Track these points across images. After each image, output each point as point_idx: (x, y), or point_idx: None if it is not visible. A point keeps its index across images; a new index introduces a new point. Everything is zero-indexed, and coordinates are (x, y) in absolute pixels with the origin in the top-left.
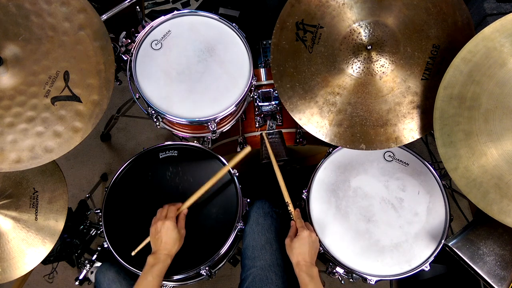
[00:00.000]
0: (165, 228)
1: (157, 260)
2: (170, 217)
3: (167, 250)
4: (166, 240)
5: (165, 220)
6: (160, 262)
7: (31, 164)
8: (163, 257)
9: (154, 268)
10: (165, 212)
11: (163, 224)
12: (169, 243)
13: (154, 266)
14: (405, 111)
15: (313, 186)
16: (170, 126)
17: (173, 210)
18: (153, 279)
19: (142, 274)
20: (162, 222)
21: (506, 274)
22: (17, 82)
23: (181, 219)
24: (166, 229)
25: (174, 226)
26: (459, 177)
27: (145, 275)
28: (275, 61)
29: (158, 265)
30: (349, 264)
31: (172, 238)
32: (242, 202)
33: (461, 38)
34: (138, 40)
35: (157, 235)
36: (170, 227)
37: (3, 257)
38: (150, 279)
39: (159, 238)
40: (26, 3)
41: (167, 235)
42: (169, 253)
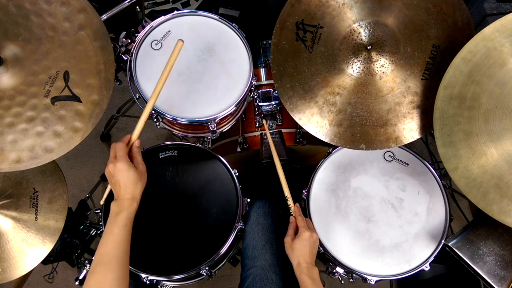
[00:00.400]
0: (118, 170)
1: (121, 207)
2: (120, 157)
3: (129, 193)
4: (125, 183)
5: (116, 162)
6: (124, 210)
7: (31, 164)
8: (126, 202)
9: (118, 217)
10: (114, 152)
11: (114, 167)
12: (129, 186)
13: (118, 215)
14: (405, 111)
15: (313, 186)
16: (170, 126)
17: (121, 148)
18: (120, 230)
19: (107, 226)
20: (113, 165)
21: (506, 274)
22: (17, 82)
23: (136, 154)
24: (120, 171)
25: (129, 165)
26: (459, 177)
27: (111, 228)
28: (275, 61)
29: (123, 213)
30: (349, 264)
31: (130, 179)
32: (242, 202)
33: (461, 38)
34: (138, 40)
35: (113, 179)
36: (123, 168)
37: (3, 257)
38: (116, 231)
39: (117, 183)
40: (26, 3)
41: (124, 178)
42: (133, 196)
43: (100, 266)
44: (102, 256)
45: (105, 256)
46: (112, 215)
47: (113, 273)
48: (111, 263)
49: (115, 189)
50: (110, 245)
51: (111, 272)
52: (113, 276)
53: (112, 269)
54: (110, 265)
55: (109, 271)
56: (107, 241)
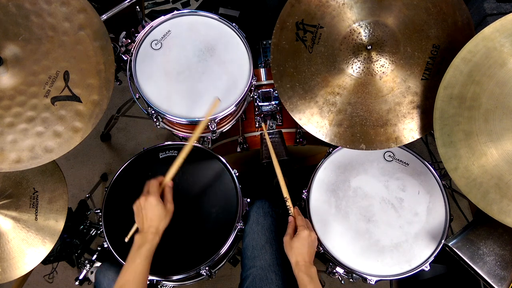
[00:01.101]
0: (148, 204)
1: (144, 239)
2: (152, 192)
3: (154, 227)
4: (151, 217)
5: (148, 196)
6: (147, 242)
7: (31, 164)
8: (150, 236)
9: (141, 249)
10: (147, 188)
11: (145, 200)
12: (155, 220)
13: (141, 246)
14: (405, 111)
15: (313, 186)
16: (170, 126)
17: (154, 185)
18: (141, 261)
19: (129, 256)
20: (145, 198)
21: (506, 274)
22: (17, 82)
23: (167, 193)
24: (149, 205)
25: (158, 201)
26: (459, 177)
27: (133, 258)
28: (275, 61)
29: (146, 245)
30: (349, 264)
31: (157, 214)
32: (242, 202)
33: (461, 38)
34: (138, 40)
35: (141, 213)
36: (153, 203)
37: (3, 257)
38: (138, 261)
39: (144, 216)
40: (26, 3)
41: (152, 212)
42: (157, 231)
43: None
44: (123, 283)
45: (126, 284)
46: (136, 246)
47: None
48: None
49: (140, 222)
50: (131, 274)
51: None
52: None
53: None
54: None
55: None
56: (129, 270)
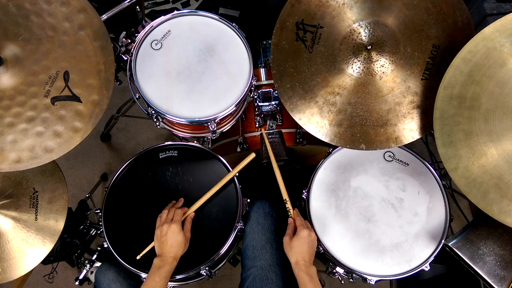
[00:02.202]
0: (171, 231)
1: (164, 262)
2: (176, 221)
3: (173, 253)
4: (172, 243)
5: (171, 223)
6: (166, 264)
7: (31, 164)
8: (169, 259)
9: (161, 270)
10: (172, 214)
11: (169, 227)
12: (175, 246)
13: (161, 268)
14: (405, 111)
15: (313, 186)
16: (170, 126)
17: (179, 214)
18: (160, 280)
19: (149, 275)
20: (168, 225)
21: (506, 274)
22: (17, 82)
23: (188, 223)
24: (172, 232)
25: (180, 230)
26: (459, 177)
27: (153, 277)
28: (275, 61)
29: (165, 267)
30: (349, 264)
31: (177, 242)
32: (242, 202)
33: (461, 38)
34: (138, 40)
35: (163, 238)
36: (176, 231)
37: (3, 257)
38: (157, 280)
39: (165, 241)
40: (26, 3)
41: (173, 239)
42: (175, 256)
43: None
44: None
45: None
46: (155, 267)
47: None
48: None
49: (161, 246)
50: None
51: None
52: None
53: None
54: None
55: None
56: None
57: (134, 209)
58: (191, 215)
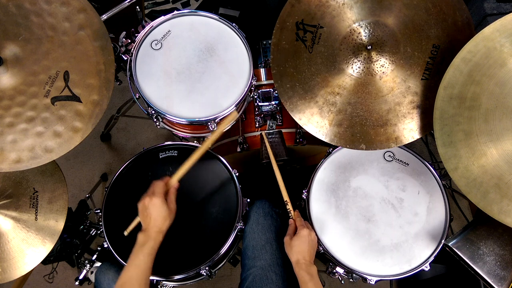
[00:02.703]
0: (152, 204)
1: (148, 237)
2: (157, 193)
3: (157, 227)
4: (155, 217)
5: (152, 196)
6: (151, 240)
7: (31, 164)
8: (153, 234)
9: (145, 247)
10: (153, 188)
11: (150, 201)
12: (159, 220)
13: (144, 244)
14: (405, 111)
15: (313, 186)
16: (170, 126)
17: (160, 185)
18: (144, 257)
19: (133, 253)
20: (150, 199)
21: (506, 274)
22: (17, 82)
23: (171, 194)
24: (153, 205)
25: (162, 202)
26: (459, 177)
27: (136, 254)
28: (275, 61)
29: (149, 242)
30: (349, 264)
31: (161, 215)
32: (242, 202)
33: (461, 38)
34: (138, 40)
35: (145, 212)
36: (157, 203)
37: (3, 257)
38: (141, 258)
39: (148, 215)
40: (26, 3)
41: (156, 212)
42: (160, 230)
43: None
44: (126, 279)
45: (129, 280)
46: (139, 244)
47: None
48: (134, 286)
49: (145, 220)
50: (134, 271)
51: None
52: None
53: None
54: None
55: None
56: (132, 267)
57: (134, 209)
58: (174, 186)
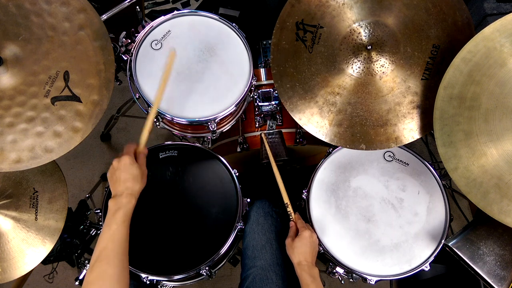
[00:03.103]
0: (122, 164)
1: (119, 203)
2: (126, 153)
3: (129, 189)
4: (126, 177)
5: (121, 156)
6: (122, 206)
7: (31, 164)
8: (124, 199)
9: (117, 214)
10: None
11: (119, 161)
12: (129, 180)
13: (116, 211)
14: (405, 111)
15: (313, 186)
16: (170, 126)
17: (129, 147)
18: (118, 226)
19: (105, 223)
20: (118, 159)
21: (506, 274)
22: (17, 82)
23: (141, 157)
24: (124, 165)
25: (133, 161)
26: (459, 177)
27: (108, 225)
28: (275, 61)
29: (121, 209)
30: (349, 264)
31: (131, 174)
32: (242, 202)
33: (461, 38)
34: (138, 40)
35: (114, 175)
36: (127, 162)
37: (3, 257)
38: (114, 228)
39: (118, 178)
40: (26, 3)
41: (126, 172)
42: (132, 193)
43: (99, 261)
44: (101, 252)
45: (103, 252)
46: (111, 212)
47: (113, 269)
48: (110, 259)
49: (114, 185)
50: (108, 242)
51: (110, 267)
52: (112, 271)
53: (111, 264)
54: (108, 260)
55: (108, 267)
56: (106, 238)
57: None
58: (144, 152)
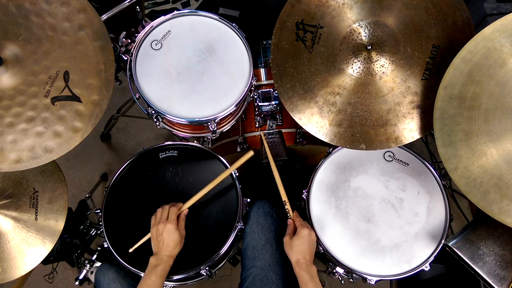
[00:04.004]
0: (166, 230)
1: (160, 261)
2: (171, 220)
3: (169, 252)
4: (168, 243)
5: (167, 223)
6: (162, 263)
7: (31, 164)
8: (165, 258)
9: (157, 268)
10: (166, 213)
11: (164, 227)
12: (171, 245)
13: (157, 266)
14: (405, 111)
15: (313, 186)
16: (170, 126)
17: (174, 212)
18: (156, 278)
19: (146, 274)
20: (164, 225)
21: (506, 274)
22: (17, 82)
23: (182, 220)
24: (168, 231)
25: (176, 228)
26: (459, 177)
27: (149, 275)
28: (275, 61)
29: (161, 265)
30: (349, 264)
31: (173, 241)
32: (242, 202)
33: (461, 38)
34: (138, 40)
35: (159, 237)
36: (172, 230)
37: (3, 257)
38: (153, 279)
39: (161, 241)
40: (26, 3)
41: (169, 238)
42: (171, 255)
43: None
44: None
45: None
46: (151, 266)
47: None
48: None
49: (157, 245)
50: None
51: None
52: None
53: None
54: None
55: None
56: (146, 285)
57: (134, 209)
58: (184, 212)
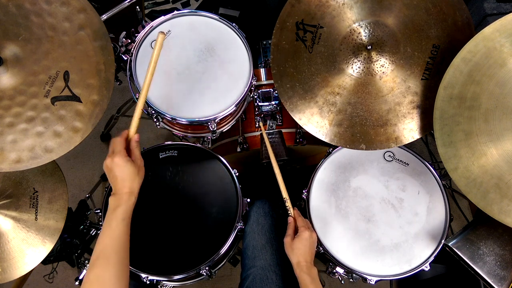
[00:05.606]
0: (115, 165)
1: (119, 201)
2: (118, 151)
3: (127, 187)
4: (123, 177)
5: (113, 156)
6: (122, 204)
7: (31, 164)
8: (124, 196)
9: (116, 212)
10: (112, 147)
11: (112, 161)
12: (127, 179)
13: (116, 209)
14: (405, 111)
15: (313, 186)
16: (170, 126)
17: (119, 142)
18: (118, 223)
19: (105, 221)
20: (111, 159)
21: (506, 274)
22: (17, 82)
23: (134, 148)
24: (117, 165)
25: (126, 160)
26: (459, 177)
27: (108, 222)
28: (275, 61)
29: (121, 207)
30: (349, 264)
31: (127, 174)
32: (242, 202)
33: (461, 38)
34: (138, 40)
35: (110, 174)
36: (121, 163)
37: (3, 257)
38: (114, 225)
39: (114, 177)
40: (26, 3)
41: (121, 172)
42: (131, 191)
43: (99, 260)
44: (101, 250)
45: (104, 251)
46: (110, 210)
47: (113, 267)
48: (111, 257)
49: (113, 183)
50: (108, 240)
51: (110, 266)
52: (113, 270)
53: (112, 263)
54: (109, 259)
55: (108, 265)
56: (106, 236)
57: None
58: (134, 139)
